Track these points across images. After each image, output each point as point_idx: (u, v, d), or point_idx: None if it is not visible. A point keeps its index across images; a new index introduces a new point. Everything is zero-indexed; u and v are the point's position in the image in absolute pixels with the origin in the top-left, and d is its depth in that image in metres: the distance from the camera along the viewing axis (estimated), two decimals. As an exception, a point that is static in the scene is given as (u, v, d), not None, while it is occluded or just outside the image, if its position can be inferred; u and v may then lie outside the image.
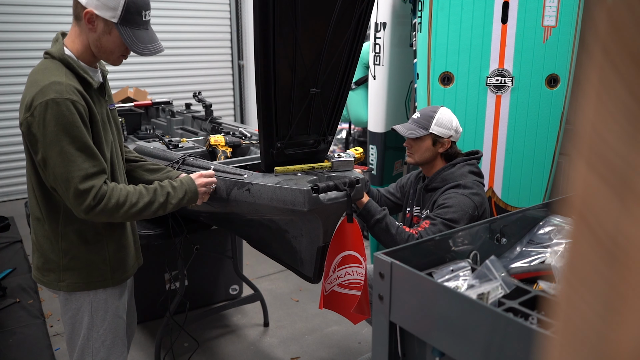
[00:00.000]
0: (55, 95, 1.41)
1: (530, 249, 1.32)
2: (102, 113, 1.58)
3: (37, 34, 5.23)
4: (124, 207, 1.50)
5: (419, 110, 2.19)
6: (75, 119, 1.42)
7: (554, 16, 2.52)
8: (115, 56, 1.57)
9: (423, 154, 2.12)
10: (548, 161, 2.68)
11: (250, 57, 6.35)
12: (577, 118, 0.33)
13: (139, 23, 1.51)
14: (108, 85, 1.69)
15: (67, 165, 1.42)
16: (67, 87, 1.44)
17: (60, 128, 1.41)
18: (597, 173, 0.32)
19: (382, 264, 1.07)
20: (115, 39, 1.51)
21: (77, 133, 1.43)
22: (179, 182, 1.66)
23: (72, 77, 1.49)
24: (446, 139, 2.09)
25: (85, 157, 1.44)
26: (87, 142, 1.45)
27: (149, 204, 1.55)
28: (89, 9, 1.46)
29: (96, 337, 1.67)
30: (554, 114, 2.63)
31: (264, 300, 3.00)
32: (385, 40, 3.03)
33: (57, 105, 1.40)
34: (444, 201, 2.00)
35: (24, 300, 3.21)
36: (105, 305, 1.67)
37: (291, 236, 1.85)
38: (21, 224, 4.41)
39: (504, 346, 0.87)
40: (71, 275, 1.60)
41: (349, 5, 1.61)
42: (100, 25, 1.49)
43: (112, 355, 1.73)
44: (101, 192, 1.46)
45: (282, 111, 1.69)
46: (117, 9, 1.46)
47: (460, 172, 2.08)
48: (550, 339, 0.36)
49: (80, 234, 1.59)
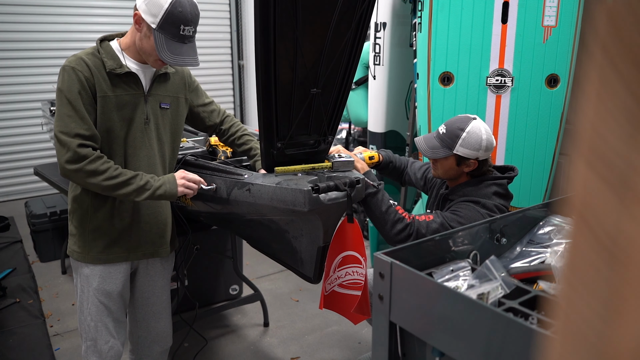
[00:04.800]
0: (65, 64, 1.67)
1: (530, 249, 1.32)
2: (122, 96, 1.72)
3: (37, 34, 5.23)
4: (101, 176, 1.64)
5: (447, 123, 1.94)
6: (73, 84, 1.63)
7: (554, 16, 2.52)
8: (152, 58, 1.70)
9: (447, 172, 1.95)
10: (548, 161, 2.68)
11: (250, 57, 6.35)
12: (577, 118, 0.33)
13: (175, 34, 1.64)
14: (166, 84, 1.84)
15: (59, 121, 1.64)
16: (77, 59, 1.67)
17: (61, 90, 1.64)
18: (597, 173, 0.32)
19: (382, 264, 1.07)
20: (152, 43, 1.65)
21: (70, 96, 1.63)
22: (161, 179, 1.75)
23: (92, 57, 1.69)
24: (472, 160, 1.89)
25: (74, 118, 1.63)
26: (78, 106, 1.63)
27: (124, 182, 1.67)
28: (138, 12, 1.65)
29: (86, 314, 1.84)
30: (554, 114, 2.62)
31: (264, 300, 3.00)
32: (385, 40, 3.03)
33: (63, 71, 1.66)
34: (457, 208, 1.86)
35: (24, 300, 3.21)
36: (87, 283, 1.82)
37: (291, 236, 1.85)
38: (21, 224, 4.41)
39: (504, 346, 0.87)
40: (70, 240, 1.84)
41: (349, 5, 1.61)
42: (144, 28, 1.66)
43: (98, 339, 1.86)
44: (82, 153, 1.62)
45: (282, 111, 1.68)
46: (158, 16, 1.62)
47: (484, 192, 1.89)
48: (550, 339, 0.36)
49: (76, 200, 1.80)
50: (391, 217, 1.84)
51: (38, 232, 3.80)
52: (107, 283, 1.82)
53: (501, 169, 2.03)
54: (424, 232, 1.80)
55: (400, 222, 1.83)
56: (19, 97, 5.26)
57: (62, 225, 3.82)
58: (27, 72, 5.26)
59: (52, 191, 4.81)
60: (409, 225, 1.83)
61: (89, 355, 1.87)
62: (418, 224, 1.83)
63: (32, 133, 5.29)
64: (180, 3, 1.61)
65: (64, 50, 5.35)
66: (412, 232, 1.82)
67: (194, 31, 1.68)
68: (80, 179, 1.66)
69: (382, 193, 1.89)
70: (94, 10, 5.48)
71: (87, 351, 1.88)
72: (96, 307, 1.83)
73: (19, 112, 5.27)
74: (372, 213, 1.88)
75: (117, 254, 1.82)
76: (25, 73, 5.26)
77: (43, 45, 5.28)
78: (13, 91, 5.22)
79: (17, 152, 5.34)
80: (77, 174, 1.63)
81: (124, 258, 1.84)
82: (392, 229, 1.84)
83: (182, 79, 1.90)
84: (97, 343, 1.86)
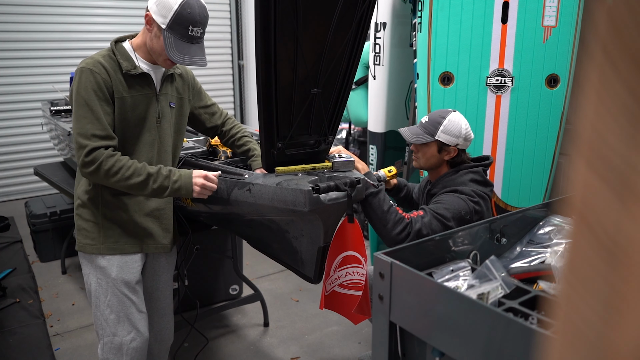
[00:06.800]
0: (83, 65, 1.70)
1: (530, 249, 1.32)
2: (137, 97, 1.77)
3: (37, 34, 5.23)
4: (115, 177, 1.67)
5: (429, 114, 2.10)
6: (90, 85, 1.66)
7: (554, 16, 2.52)
8: (162, 58, 1.75)
9: (428, 160, 2.06)
10: (548, 161, 2.68)
11: (250, 57, 6.35)
12: (577, 118, 0.33)
13: (183, 35, 1.69)
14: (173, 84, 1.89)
15: (76, 122, 1.67)
16: (94, 62, 1.70)
17: (77, 92, 1.67)
18: (597, 173, 0.32)
19: (382, 264, 1.07)
20: (162, 43, 1.70)
21: (87, 97, 1.66)
22: (177, 175, 1.75)
23: (108, 59, 1.73)
24: (452, 146, 2.02)
25: (90, 119, 1.66)
26: (95, 107, 1.66)
27: (141, 184, 1.70)
28: (149, 13, 1.70)
29: (103, 308, 1.83)
30: (554, 114, 2.62)
31: (264, 300, 3.00)
32: (385, 40, 3.03)
33: (81, 72, 1.69)
34: (439, 198, 1.97)
35: (24, 300, 3.21)
36: (104, 274, 1.81)
37: (292, 236, 1.85)
38: (21, 224, 4.41)
39: (504, 346, 0.87)
40: (79, 235, 1.83)
41: (350, 5, 1.61)
42: (155, 28, 1.71)
43: (119, 332, 1.84)
44: (96, 154, 1.65)
45: (282, 111, 1.68)
46: (168, 17, 1.66)
47: (461, 180, 2.01)
48: (550, 339, 0.36)
49: (88, 192, 1.81)
50: (392, 217, 1.85)
51: (38, 232, 3.80)
52: (125, 272, 1.83)
53: (477, 159, 2.15)
54: (419, 227, 1.84)
55: (400, 222, 1.85)
56: (19, 97, 5.26)
57: (62, 225, 3.82)
58: (27, 72, 5.26)
59: (52, 191, 4.81)
60: (408, 224, 1.84)
61: (106, 352, 1.85)
62: (414, 220, 1.86)
63: (32, 133, 5.29)
64: (190, 5, 1.66)
65: (64, 50, 5.35)
66: (410, 232, 1.84)
67: (202, 32, 1.72)
68: (99, 179, 1.69)
69: (384, 193, 1.90)
70: (94, 10, 5.48)
71: (104, 348, 1.86)
72: (117, 298, 1.83)
73: (19, 112, 5.27)
74: (374, 213, 1.88)
75: (131, 244, 1.84)
76: (25, 73, 5.26)
77: (43, 45, 5.28)
78: (13, 91, 5.22)
79: (17, 152, 5.34)
80: (95, 174, 1.67)
81: (138, 249, 1.87)
82: (393, 229, 1.85)
83: (186, 81, 1.96)
84: (117, 336, 1.84)
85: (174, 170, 1.75)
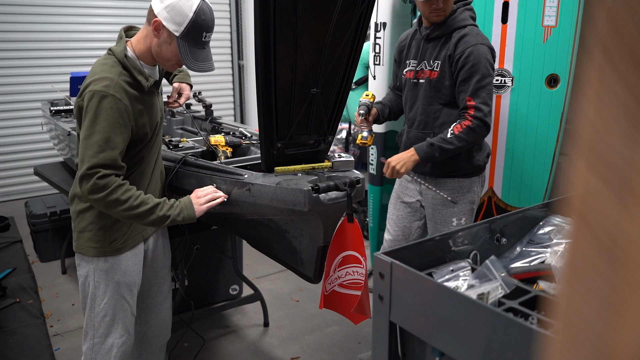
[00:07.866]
0: (103, 89, 1.58)
1: (530, 249, 1.32)
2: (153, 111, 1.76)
3: (37, 34, 5.23)
4: (122, 206, 1.61)
5: None
6: (112, 114, 1.58)
7: (554, 16, 2.52)
8: (170, 64, 1.72)
9: (450, 6, 2.17)
10: (548, 161, 2.68)
11: (250, 57, 6.35)
12: (577, 118, 0.33)
13: (197, 42, 1.66)
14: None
15: (87, 149, 1.58)
16: (115, 85, 1.60)
17: (96, 117, 1.57)
18: (597, 173, 0.32)
19: (382, 264, 1.07)
20: (174, 50, 1.66)
21: (106, 125, 1.57)
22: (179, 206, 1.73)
23: (125, 76, 1.65)
24: None
25: (104, 148, 1.58)
26: (115, 138, 1.59)
27: (145, 213, 1.65)
28: (158, 19, 1.62)
29: (98, 310, 1.80)
30: (554, 114, 2.62)
31: (264, 300, 3.00)
32: (385, 40, 3.03)
33: (102, 98, 1.57)
34: (464, 59, 2.10)
35: (24, 300, 3.21)
36: (106, 277, 1.78)
37: (291, 236, 1.85)
38: (21, 224, 4.41)
39: (504, 346, 0.87)
40: (79, 237, 1.78)
41: (349, 5, 1.61)
42: (164, 35, 1.64)
43: (112, 334, 1.82)
44: (103, 183, 1.58)
45: (282, 111, 1.69)
46: (182, 25, 1.61)
47: (462, 17, 2.17)
48: (550, 339, 0.36)
49: None
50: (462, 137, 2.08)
51: (38, 232, 3.80)
52: (127, 276, 1.82)
53: None
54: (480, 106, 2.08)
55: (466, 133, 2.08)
56: (19, 97, 5.26)
57: (62, 225, 3.82)
58: (27, 72, 5.26)
59: (52, 191, 4.81)
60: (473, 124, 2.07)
61: (95, 353, 1.84)
62: (478, 108, 2.07)
63: (32, 133, 5.29)
64: (204, 11, 1.63)
65: (64, 50, 5.35)
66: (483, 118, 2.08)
67: (211, 36, 1.71)
68: (102, 207, 1.64)
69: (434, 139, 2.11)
70: (94, 10, 5.48)
71: (93, 349, 1.84)
72: (115, 301, 1.81)
73: (19, 112, 5.27)
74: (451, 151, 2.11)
75: (134, 236, 1.83)
76: (25, 73, 5.26)
77: (43, 45, 5.28)
78: (13, 91, 5.22)
79: (17, 152, 5.34)
80: (99, 203, 1.61)
81: (141, 237, 1.86)
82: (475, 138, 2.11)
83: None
84: (109, 338, 1.83)
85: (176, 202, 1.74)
